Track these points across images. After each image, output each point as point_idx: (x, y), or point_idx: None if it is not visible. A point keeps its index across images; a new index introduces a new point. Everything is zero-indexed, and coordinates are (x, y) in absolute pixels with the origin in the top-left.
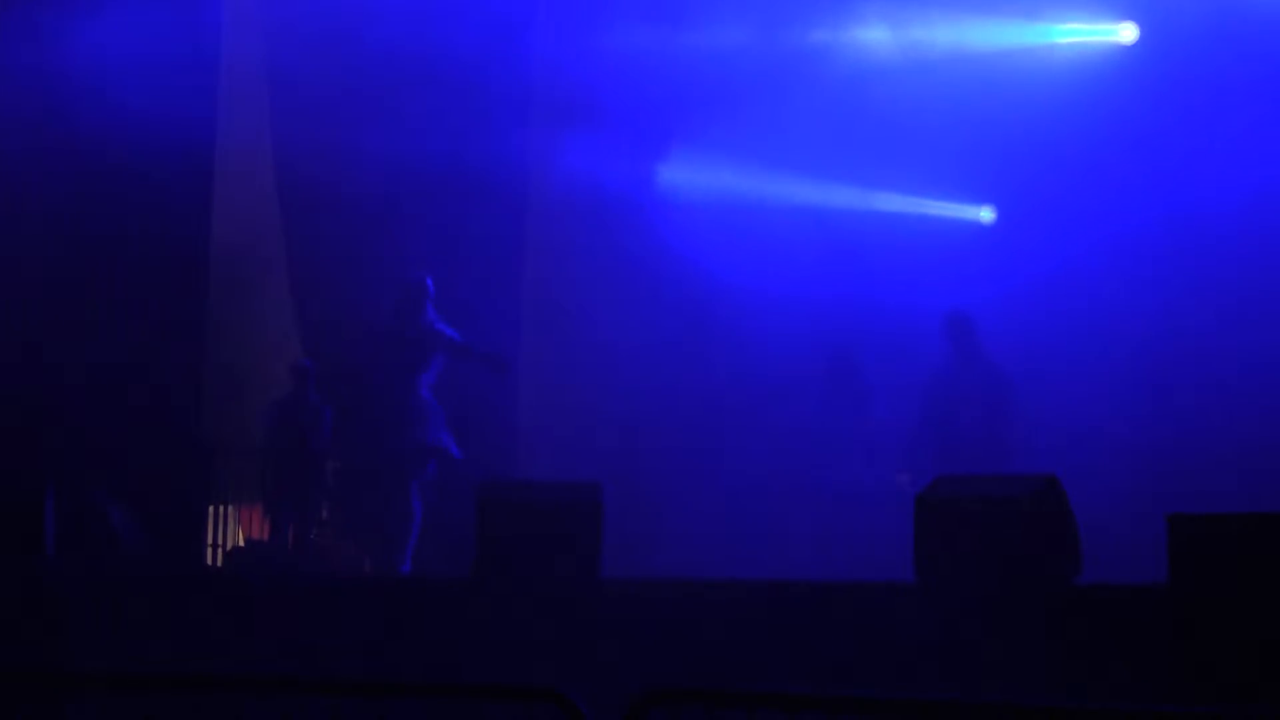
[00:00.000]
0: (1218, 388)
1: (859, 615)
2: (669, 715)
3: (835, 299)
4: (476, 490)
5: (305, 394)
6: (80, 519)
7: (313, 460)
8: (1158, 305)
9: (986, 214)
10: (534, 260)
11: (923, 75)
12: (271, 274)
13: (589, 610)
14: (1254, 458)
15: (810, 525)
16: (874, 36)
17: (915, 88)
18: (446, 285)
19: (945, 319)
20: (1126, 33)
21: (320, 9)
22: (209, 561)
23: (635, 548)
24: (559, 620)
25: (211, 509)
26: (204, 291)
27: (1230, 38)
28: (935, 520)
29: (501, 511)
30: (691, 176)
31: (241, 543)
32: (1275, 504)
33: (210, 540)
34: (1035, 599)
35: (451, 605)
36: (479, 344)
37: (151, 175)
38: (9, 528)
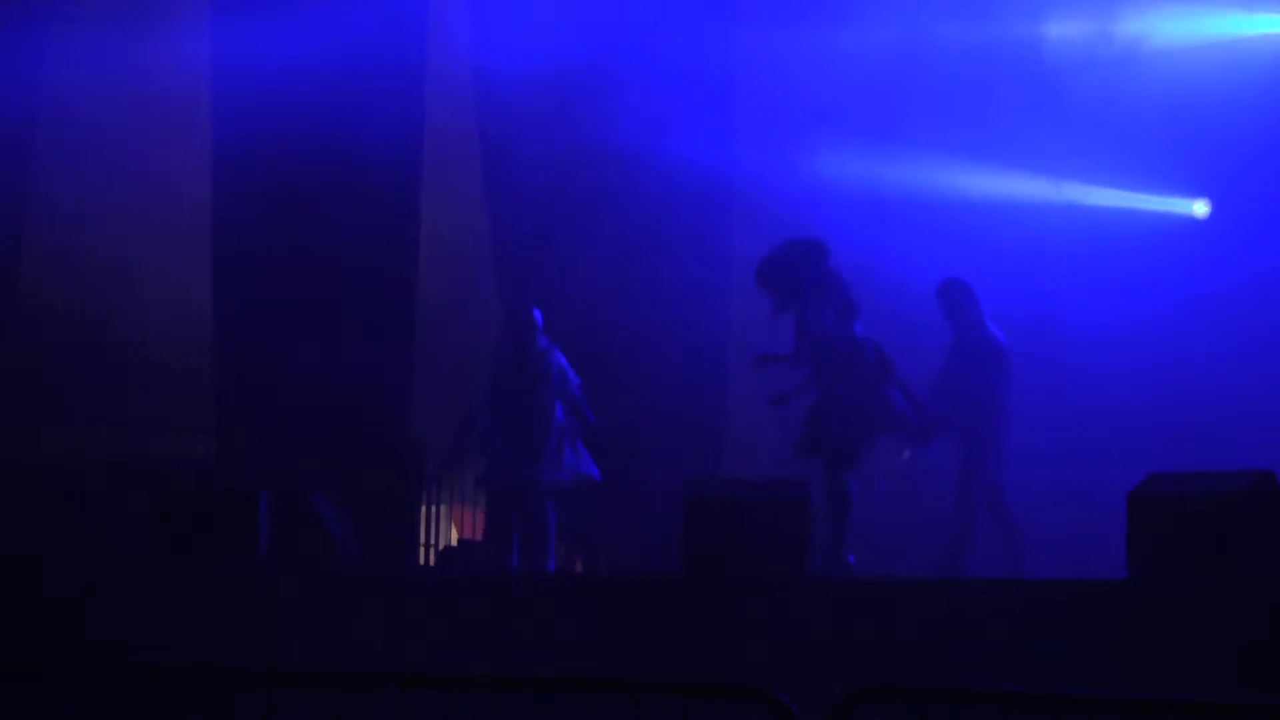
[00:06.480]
0: None
1: (1068, 613)
2: (877, 713)
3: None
4: (683, 489)
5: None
6: (294, 521)
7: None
8: None
9: (1200, 207)
10: (741, 264)
11: (1127, 67)
12: (479, 273)
13: (797, 607)
14: None
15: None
16: (1081, 29)
17: (1119, 80)
18: (652, 285)
19: (936, 289)
20: None
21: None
22: (421, 561)
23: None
24: (767, 617)
25: (423, 509)
26: (413, 293)
27: None
28: (1149, 517)
29: (709, 510)
30: (892, 175)
31: (454, 543)
32: None
33: (423, 540)
34: (1254, 595)
35: (658, 603)
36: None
37: (360, 178)
38: (224, 530)
